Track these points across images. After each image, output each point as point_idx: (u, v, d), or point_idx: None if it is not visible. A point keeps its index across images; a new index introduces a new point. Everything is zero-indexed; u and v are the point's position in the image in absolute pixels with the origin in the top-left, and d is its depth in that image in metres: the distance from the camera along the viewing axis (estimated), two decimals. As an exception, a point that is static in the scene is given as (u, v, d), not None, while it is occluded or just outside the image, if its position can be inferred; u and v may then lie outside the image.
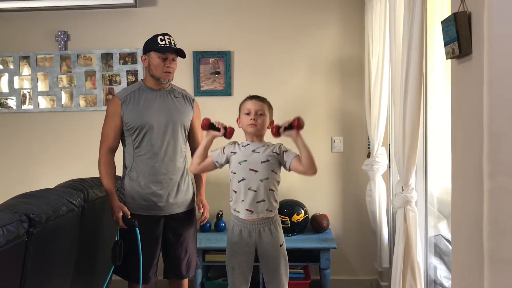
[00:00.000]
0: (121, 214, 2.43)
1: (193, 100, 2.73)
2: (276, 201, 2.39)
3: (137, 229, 2.41)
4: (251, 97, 2.43)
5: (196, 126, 2.70)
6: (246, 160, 2.34)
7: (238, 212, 2.36)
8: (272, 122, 2.43)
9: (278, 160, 2.36)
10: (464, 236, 1.51)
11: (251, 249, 2.38)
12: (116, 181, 2.54)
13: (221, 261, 3.17)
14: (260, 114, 2.36)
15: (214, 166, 2.44)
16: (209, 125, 2.36)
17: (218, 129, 2.34)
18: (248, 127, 2.36)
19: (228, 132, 2.34)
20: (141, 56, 2.60)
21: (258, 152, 2.35)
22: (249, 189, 2.32)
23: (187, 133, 2.67)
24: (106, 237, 2.70)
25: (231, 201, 2.40)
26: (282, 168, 2.40)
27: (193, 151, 2.69)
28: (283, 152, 2.36)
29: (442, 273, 2.50)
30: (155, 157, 2.51)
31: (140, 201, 2.51)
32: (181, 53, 2.55)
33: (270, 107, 2.44)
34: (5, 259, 1.74)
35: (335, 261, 3.44)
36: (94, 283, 2.64)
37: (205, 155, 2.41)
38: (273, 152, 2.35)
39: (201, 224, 2.81)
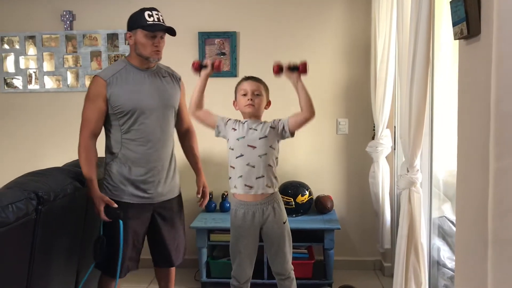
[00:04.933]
0: (103, 206, 2.24)
1: (179, 79, 2.58)
2: (275, 177, 2.40)
3: (120, 221, 2.26)
4: (247, 78, 2.43)
5: (182, 106, 2.58)
6: (244, 137, 2.35)
7: (236, 188, 2.37)
8: (269, 103, 2.44)
9: (275, 134, 2.37)
10: (468, 217, 1.52)
11: (256, 231, 2.40)
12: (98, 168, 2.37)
13: (226, 241, 3.20)
14: (257, 95, 2.37)
15: (213, 127, 2.43)
16: (200, 66, 2.37)
17: (206, 67, 2.36)
18: (245, 108, 2.37)
19: (215, 66, 2.35)
20: (126, 33, 2.37)
21: (256, 129, 2.36)
22: (247, 164, 2.33)
23: (175, 116, 2.54)
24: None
25: (230, 178, 2.40)
26: (280, 146, 2.42)
27: (179, 132, 2.62)
28: (277, 122, 2.38)
29: (446, 254, 2.53)
30: (147, 144, 2.35)
31: (128, 188, 2.33)
32: (171, 31, 2.36)
33: (266, 88, 2.43)
34: (15, 236, 1.77)
35: (339, 241, 3.47)
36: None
37: (201, 98, 2.40)
38: (270, 127, 2.36)
39: (200, 206, 2.72)
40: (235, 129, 2.38)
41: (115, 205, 2.26)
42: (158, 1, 3.57)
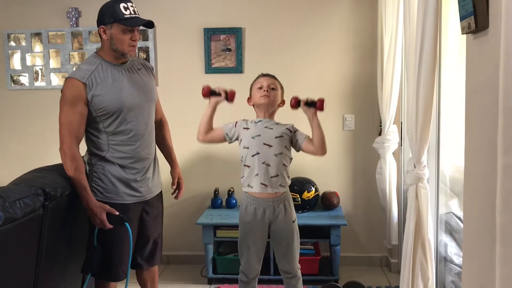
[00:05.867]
0: (104, 215, 2.14)
1: (153, 69, 2.48)
2: (288, 177, 2.41)
3: (126, 223, 2.19)
4: (263, 75, 2.46)
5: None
6: (259, 135, 2.35)
7: (251, 187, 2.36)
8: (283, 102, 2.45)
9: (290, 138, 2.39)
10: (476, 212, 1.51)
11: (265, 227, 2.40)
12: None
13: (232, 237, 3.22)
14: (273, 88, 2.39)
15: (224, 139, 2.44)
16: (210, 92, 2.34)
17: (219, 94, 2.35)
18: (260, 99, 2.37)
19: (229, 96, 2.34)
20: (99, 28, 2.19)
21: (271, 128, 2.37)
22: (263, 163, 2.33)
23: None
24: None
25: (242, 177, 2.40)
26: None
27: (155, 122, 2.45)
28: (295, 132, 2.40)
29: (453, 250, 2.51)
30: (136, 143, 2.26)
31: (121, 189, 2.24)
32: (149, 24, 2.24)
33: (281, 85, 2.46)
34: (22, 232, 1.78)
35: (345, 238, 3.46)
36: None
37: (211, 124, 2.39)
38: (286, 129, 2.39)
39: (176, 198, 2.61)
40: (247, 128, 2.38)
41: (117, 213, 2.17)
42: (164, -2, 3.58)
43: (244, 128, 2.39)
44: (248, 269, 2.44)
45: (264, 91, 2.36)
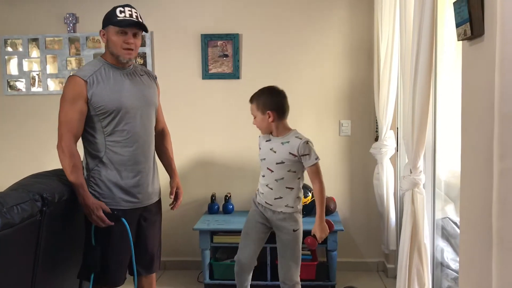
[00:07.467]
0: (101, 212, 2.13)
1: (156, 77, 2.49)
2: (298, 197, 2.45)
3: (124, 220, 2.17)
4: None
5: (158, 106, 2.48)
6: (265, 159, 2.43)
7: (259, 201, 2.50)
8: (269, 114, 2.36)
9: (295, 161, 2.37)
10: (472, 217, 1.52)
11: (264, 221, 2.48)
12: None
13: (229, 243, 3.22)
14: (254, 117, 2.44)
15: None
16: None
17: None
18: None
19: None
20: (100, 31, 2.26)
21: (275, 152, 2.39)
22: (267, 185, 2.41)
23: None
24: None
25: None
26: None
27: (156, 132, 2.46)
28: (301, 156, 2.36)
29: (449, 255, 2.52)
30: (133, 145, 2.24)
31: (118, 194, 2.22)
32: (143, 27, 2.24)
33: (258, 103, 2.40)
34: (20, 237, 1.78)
35: (342, 243, 3.47)
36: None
37: None
38: (290, 153, 2.36)
39: (172, 209, 2.56)
40: (260, 148, 2.49)
41: (110, 211, 2.17)
42: (161, 4, 3.59)
43: (260, 147, 2.51)
44: (240, 256, 2.50)
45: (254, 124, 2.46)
